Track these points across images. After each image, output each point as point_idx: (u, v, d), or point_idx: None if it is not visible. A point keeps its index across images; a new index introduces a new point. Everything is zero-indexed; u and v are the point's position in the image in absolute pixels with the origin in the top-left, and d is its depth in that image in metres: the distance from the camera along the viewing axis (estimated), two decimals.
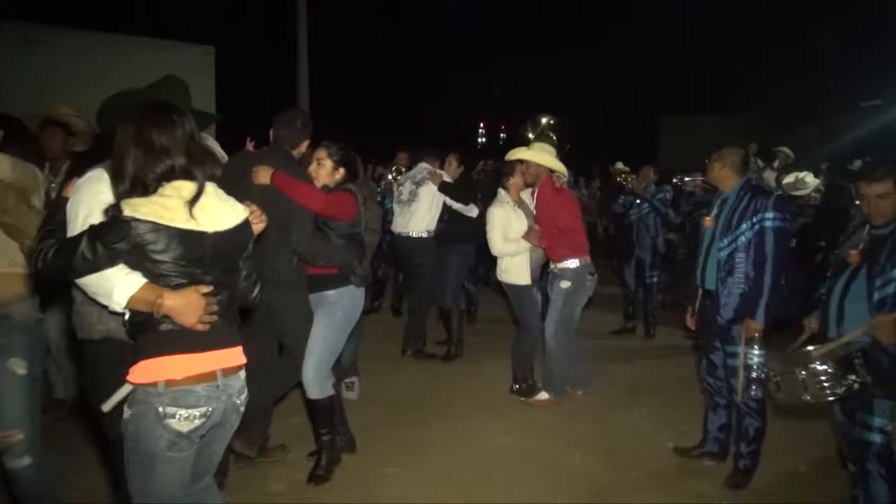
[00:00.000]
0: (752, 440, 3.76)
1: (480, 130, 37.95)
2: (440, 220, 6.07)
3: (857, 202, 3.13)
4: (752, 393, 3.52)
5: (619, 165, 9.90)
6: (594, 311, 7.89)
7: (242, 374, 2.26)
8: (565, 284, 4.88)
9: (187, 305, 2.05)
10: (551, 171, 5.00)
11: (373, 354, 5.85)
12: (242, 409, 2.27)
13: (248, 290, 2.36)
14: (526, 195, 5.23)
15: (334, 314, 3.68)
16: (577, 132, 8.54)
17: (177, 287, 2.07)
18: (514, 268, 5.03)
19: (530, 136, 8.78)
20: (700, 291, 3.91)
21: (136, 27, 16.39)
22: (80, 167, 2.66)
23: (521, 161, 5.03)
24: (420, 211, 5.96)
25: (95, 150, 4.10)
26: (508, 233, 4.97)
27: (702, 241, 3.93)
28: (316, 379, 3.64)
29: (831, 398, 2.84)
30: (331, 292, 3.68)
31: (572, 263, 4.88)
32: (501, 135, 37.93)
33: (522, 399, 5.10)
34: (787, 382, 2.94)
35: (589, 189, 11.72)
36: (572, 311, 4.95)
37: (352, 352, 4.98)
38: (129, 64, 15.92)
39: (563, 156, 8.53)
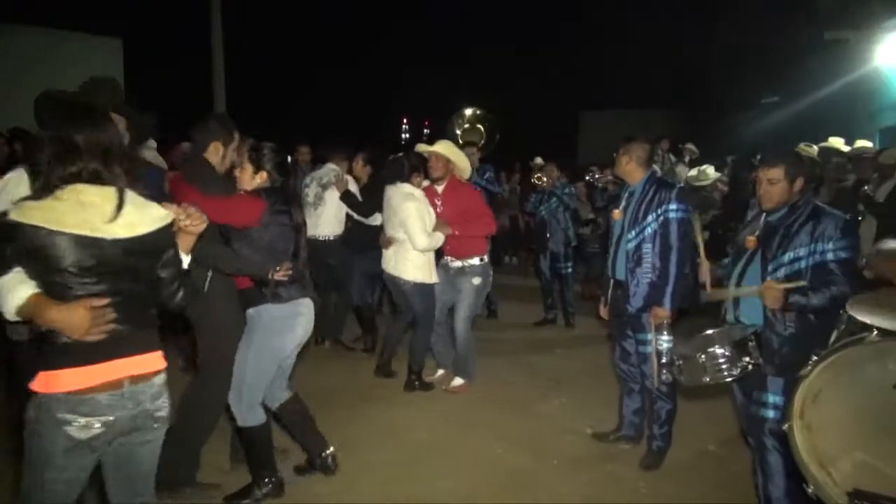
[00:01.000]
0: (663, 422, 3.93)
1: (404, 126, 37.93)
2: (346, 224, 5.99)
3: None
4: (664, 377, 3.68)
5: (538, 161, 10.13)
6: (516, 304, 8.12)
7: (158, 379, 2.19)
8: (476, 281, 5.01)
9: (70, 319, 1.96)
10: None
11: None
12: (162, 413, 2.20)
13: (170, 297, 2.27)
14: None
15: (250, 336, 3.36)
16: (500, 127, 8.72)
17: (77, 298, 1.98)
18: (426, 265, 4.97)
19: (458, 131, 8.88)
20: (611, 282, 4.04)
21: (40, 19, 15.50)
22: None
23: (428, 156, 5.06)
24: (326, 214, 5.87)
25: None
26: (427, 227, 4.92)
27: (612, 234, 4.06)
28: (236, 406, 3.38)
29: (729, 379, 3.00)
30: (249, 311, 3.39)
31: (479, 260, 5.06)
32: (426, 130, 38.06)
33: (445, 387, 5.21)
34: (689, 367, 3.08)
35: (509, 183, 11.93)
36: (478, 304, 5.29)
37: None
38: (35, 56, 15.10)
39: (493, 148, 8.72)
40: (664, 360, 3.64)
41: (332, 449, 3.67)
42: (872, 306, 1.88)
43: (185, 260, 2.36)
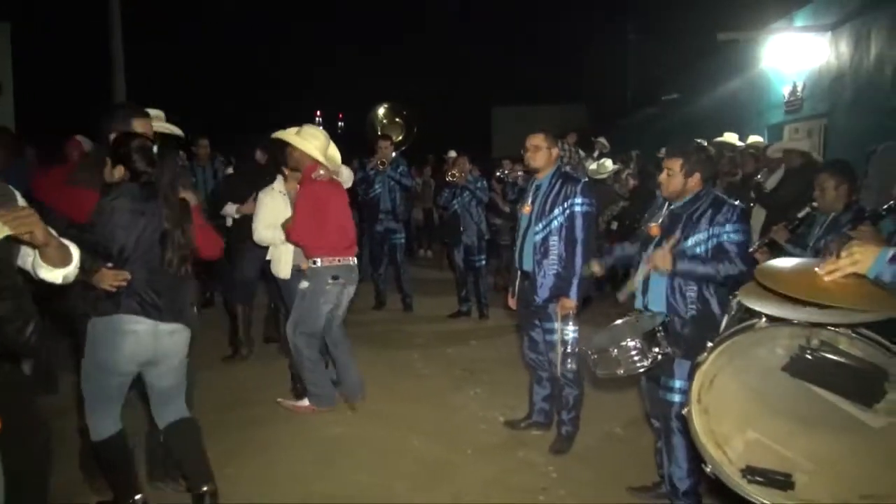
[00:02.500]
0: (571, 408, 4.07)
1: (318, 119, 37.29)
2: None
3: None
4: (569, 365, 3.81)
5: (452, 154, 10.22)
6: (431, 297, 8.19)
7: None
8: (303, 285, 4.54)
9: None
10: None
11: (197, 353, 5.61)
12: None
13: (16, 335, 2.09)
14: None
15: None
16: (417, 117, 8.74)
17: None
18: (277, 260, 4.77)
19: (377, 126, 8.83)
20: (519, 273, 4.14)
21: None
22: None
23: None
24: None
25: None
26: (277, 222, 4.61)
27: (519, 227, 4.16)
28: (87, 418, 3.12)
29: (641, 370, 3.12)
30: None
31: (315, 263, 4.46)
32: (339, 123, 37.56)
33: (279, 399, 4.80)
34: (603, 359, 3.20)
35: (422, 177, 12.00)
36: (311, 314, 4.49)
37: None
38: None
39: (412, 140, 8.71)
40: (570, 349, 3.77)
41: (210, 487, 3.11)
42: (761, 294, 2.00)
43: (52, 273, 2.18)
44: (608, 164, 7.45)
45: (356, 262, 4.66)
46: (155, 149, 2.93)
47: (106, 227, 2.82)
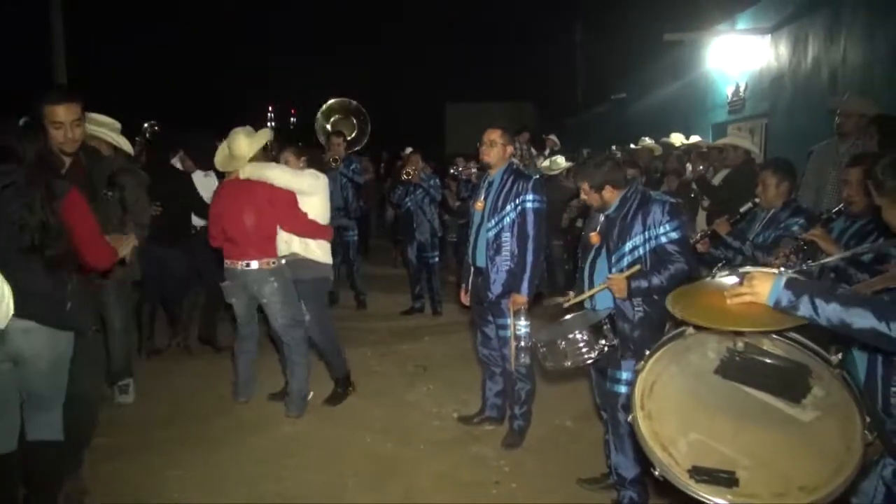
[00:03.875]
0: (523, 402, 4.12)
1: (269, 114, 36.72)
2: None
3: None
4: (522, 359, 3.85)
5: (408, 150, 10.21)
6: (384, 294, 8.17)
7: None
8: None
9: None
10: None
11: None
12: None
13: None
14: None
15: None
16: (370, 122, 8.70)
17: None
18: None
19: (327, 123, 8.74)
20: (471, 269, 4.16)
21: None
22: None
23: None
24: None
25: None
26: None
27: (472, 223, 4.18)
28: None
29: (589, 362, 3.18)
30: None
31: None
32: (292, 119, 37.07)
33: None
34: (551, 352, 3.25)
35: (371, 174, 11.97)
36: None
37: (124, 352, 4.61)
38: None
39: (365, 140, 8.64)
40: (522, 344, 3.81)
41: None
42: (689, 300, 2.08)
43: None
44: (560, 160, 7.60)
45: (245, 266, 4.36)
46: (21, 124, 2.71)
47: None
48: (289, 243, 4.51)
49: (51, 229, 2.61)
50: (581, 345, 3.17)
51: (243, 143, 4.31)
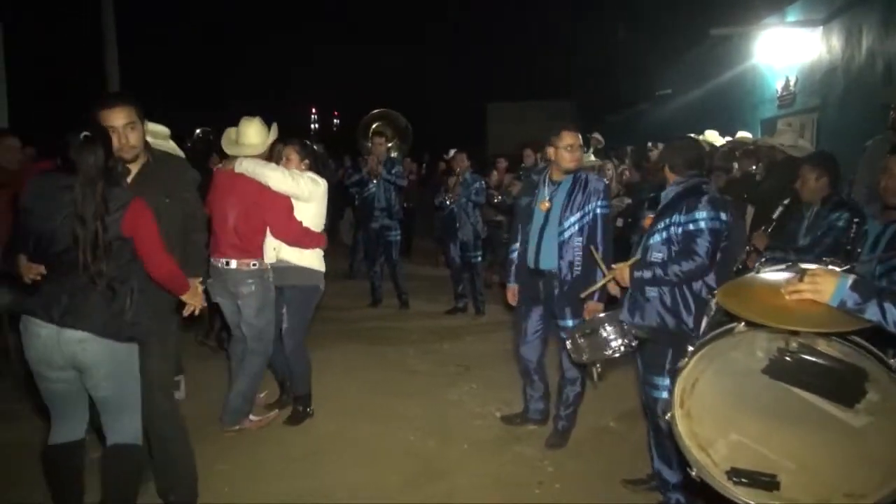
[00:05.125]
0: (570, 404, 4.10)
1: (313, 116, 37.26)
2: None
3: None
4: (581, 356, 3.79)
5: (453, 152, 10.22)
6: (427, 294, 8.21)
7: None
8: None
9: None
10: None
11: (195, 350, 5.70)
12: None
13: None
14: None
15: None
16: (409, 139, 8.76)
17: None
18: None
19: (372, 122, 8.84)
20: (527, 270, 4.08)
21: None
22: None
23: None
24: None
25: None
26: None
27: (528, 224, 4.07)
28: None
29: (623, 349, 3.25)
30: None
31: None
32: (335, 121, 37.54)
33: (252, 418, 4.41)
34: (590, 343, 3.28)
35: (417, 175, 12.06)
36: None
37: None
38: None
39: (406, 151, 8.72)
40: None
41: None
42: (740, 295, 2.03)
43: None
44: (591, 157, 7.54)
45: (225, 264, 4.13)
46: (81, 136, 2.58)
47: (25, 214, 2.66)
48: (278, 250, 4.25)
49: (99, 245, 2.58)
50: (613, 336, 3.25)
51: (252, 132, 4.15)
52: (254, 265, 4.12)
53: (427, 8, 30.13)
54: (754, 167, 5.86)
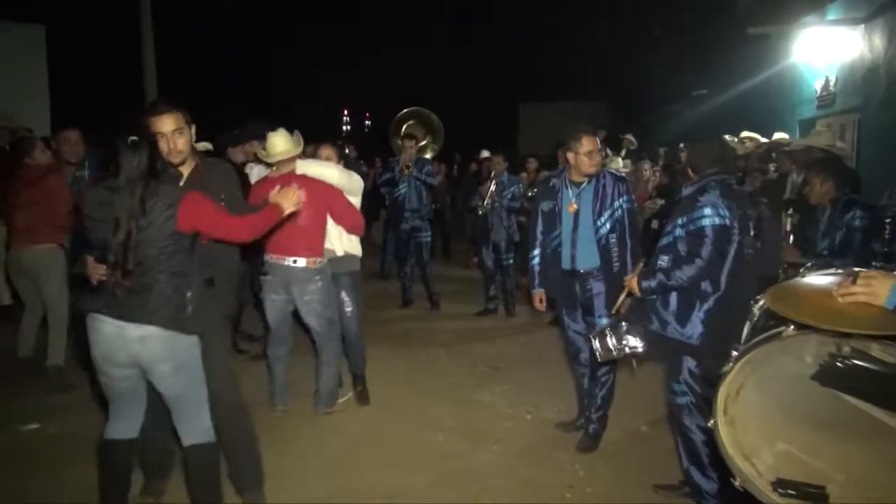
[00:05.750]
0: (600, 407, 4.05)
1: (344, 118, 37.51)
2: None
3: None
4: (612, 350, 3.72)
5: (485, 154, 10.22)
6: (457, 295, 8.20)
7: None
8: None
9: None
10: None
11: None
12: None
13: None
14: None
15: None
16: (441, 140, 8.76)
17: None
18: None
19: (404, 122, 8.87)
20: (561, 273, 4.03)
21: None
22: None
23: None
24: None
25: None
26: None
27: (555, 227, 4.03)
28: None
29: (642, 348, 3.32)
30: None
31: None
32: (367, 122, 37.75)
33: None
34: (603, 346, 3.31)
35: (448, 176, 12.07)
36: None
37: None
38: None
39: (439, 149, 8.74)
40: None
41: None
42: (790, 299, 1.96)
43: None
44: (619, 161, 7.47)
45: (293, 263, 4.32)
46: (129, 141, 2.66)
47: (87, 219, 2.75)
48: (337, 242, 4.54)
49: (130, 245, 2.63)
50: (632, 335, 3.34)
51: (281, 141, 4.28)
52: (319, 262, 4.35)
53: (460, 8, 30.18)
54: (792, 168, 5.73)
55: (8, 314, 6.68)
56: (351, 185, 4.50)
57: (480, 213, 7.31)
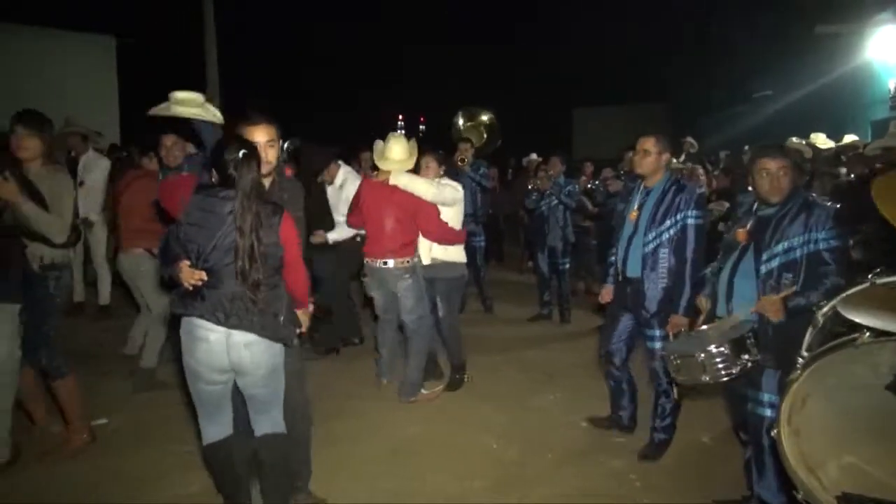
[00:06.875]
0: (666, 415, 3.96)
1: (399, 122, 37.90)
2: None
3: (749, 188, 3.35)
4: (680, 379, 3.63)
5: (533, 157, 10.16)
6: (511, 300, 8.14)
7: None
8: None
9: None
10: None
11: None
12: None
13: None
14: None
15: None
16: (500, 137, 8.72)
17: None
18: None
19: (461, 123, 8.89)
20: (619, 278, 4.00)
21: (32, 18, 15.43)
22: None
23: None
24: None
25: None
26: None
27: (621, 230, 4.00)
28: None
29: (726, 378, 2.99)
30: None
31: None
32: (421, 127, 38.06)
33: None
34: (686, 365, 3.09)
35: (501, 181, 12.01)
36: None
37: None
38: (27, 55, 15.04)
39: (494, 148, 8.73)
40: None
41: None
42: (865, 305, 1.86)
43: None
44: (673, 162, 7.24)
45: (383, 264, 4.79)
46: (240, 154, 2.78)
47: (186, 225, 2.81)
48: (431, 250, 4.96)
49: (255, 255, 2.75)
50: (720, 359, 2.99)
51: (398, 149, 4.75)
52: (407, 262, 4.77)
53: (513, 11, 30.12)
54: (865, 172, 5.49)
55: (81, 311, 7.02)
56: (441, 197, 4.79)
57: (534, 195, 7.20)
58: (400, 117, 37.88)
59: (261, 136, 3.04)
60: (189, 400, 3.09)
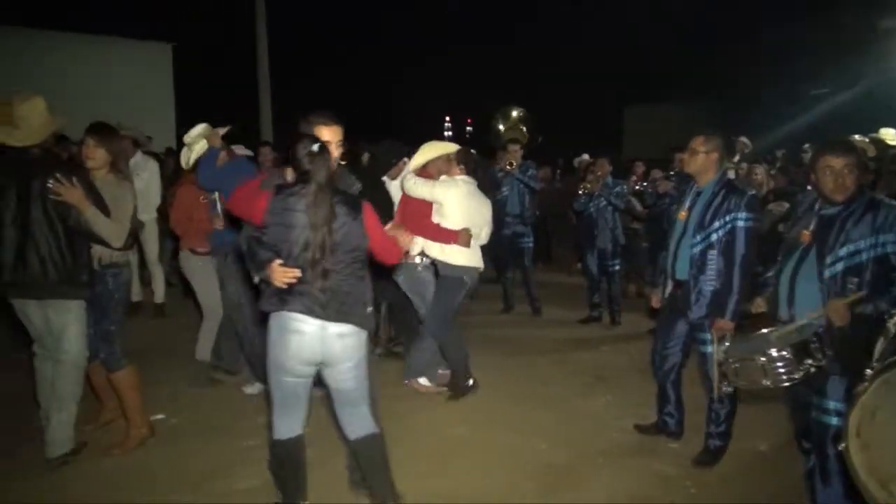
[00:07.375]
0: (721, 421, 3.86)
1: (447, 124, 38.02)
2: None
3: (808, 187, 3.23)
4: (726, 388, 3.55)
5: (585, 157, 10.05)
6: (560, 302, 8.07)
7: None
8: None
9: None
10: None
11: None
12: None
13: None
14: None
15: None
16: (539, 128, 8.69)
17: None
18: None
19: (500, 127, 8.90)
20: (670, 281, 3.93)
21: (89, 25, 16.07)
22: None
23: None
24: None
25: None
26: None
27: (673, 233, 3.93)
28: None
29: (788, 383, 2.90)
30: None
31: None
32: (468, 128, 38.11)
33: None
34: (745, 369, 3.00)
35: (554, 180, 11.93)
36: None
37: None
38: (84, 62, 15.67)
39: (534, 147, 8.70)
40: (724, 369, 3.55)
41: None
42: None
43: None
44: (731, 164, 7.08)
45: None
46: (315, 147, 2.87)
47: (272, 227, 2.87)
48: (426, 247, 4.95)
49: (326, 248, 2.82)
50: (781, 363, 2.91)
51: (417, 156, 5.02)
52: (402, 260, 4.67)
53: (563, 9, 29.91)
54: None
55: (138, 310, 7.26)
56: (435, 197, 4.87)
57: (582, 198, 7.13)
58: (447, 119, 38.04)
59: (331, 134, 3.11)
60: (245, 396, 3.15)
